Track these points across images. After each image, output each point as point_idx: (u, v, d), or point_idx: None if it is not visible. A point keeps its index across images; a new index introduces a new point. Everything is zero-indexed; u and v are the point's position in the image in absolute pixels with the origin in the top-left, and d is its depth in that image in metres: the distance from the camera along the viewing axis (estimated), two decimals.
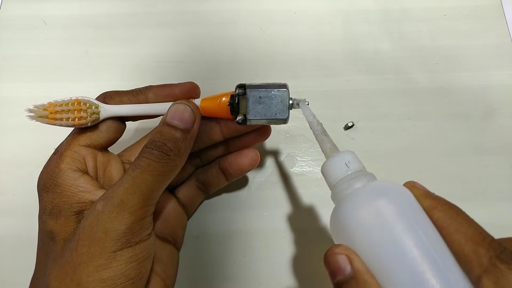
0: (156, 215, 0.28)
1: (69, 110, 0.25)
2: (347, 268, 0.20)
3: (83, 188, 0.24)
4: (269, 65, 0.40)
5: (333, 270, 0.20)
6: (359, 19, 0.42)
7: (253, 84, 0.27)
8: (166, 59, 0.40)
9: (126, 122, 0.29)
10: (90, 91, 0.28)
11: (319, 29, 0.42)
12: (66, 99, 0.26)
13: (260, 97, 0.26)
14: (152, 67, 0.40)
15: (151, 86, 0.28)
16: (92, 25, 0.42)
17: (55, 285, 0.22)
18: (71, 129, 0.27)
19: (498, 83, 0.39)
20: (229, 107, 0.27)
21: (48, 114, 0.25)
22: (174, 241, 0.30)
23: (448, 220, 0.20)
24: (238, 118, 0.27)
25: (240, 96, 0.26)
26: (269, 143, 0.37)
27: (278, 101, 0.26)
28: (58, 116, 0.25)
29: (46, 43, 0.41)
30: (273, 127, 0.31)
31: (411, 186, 0.23)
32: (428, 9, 0.43)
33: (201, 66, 0.40)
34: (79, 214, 0.24)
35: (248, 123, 0.27)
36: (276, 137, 0.37)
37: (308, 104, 0.27)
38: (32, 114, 0.25)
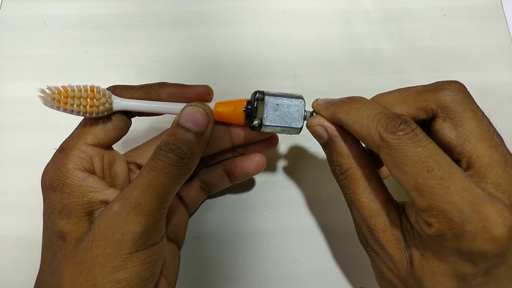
0: None
1: (81, 97, 0.24)
2: (325, 135, 0.26)
3: (92, 188, 0.24)
4: (269, 65, 0.40)
5: (316, 138, 0.27)
6: (359, 19, 0.42)
7: (270, 91, 0.27)
8: (166, 59, 0.40)
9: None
10: None
11: (319, 29, 0.42)
12: (81, 85, 0.25)
13: (277, 104, 0.27)
14: (152, 67, 0.40)
15: (163, 84, 0.27)
16: (92, 25, 0.42)
17: (68, 285, 0.22)
18: (73, 127, 0.27)
19: (498, 83, 0.39)
20: (244, 112, 0.27)
21: (60, 98, 0.24)
22: (176, 240, 0.30)
23: (345, 116, 0.24)
24: (254, 123, 0.27)
25: (259, 101, 0.27)
26: None
27: (294, 110, 0.27)
28: (70, 101, 0.24)
29: (46, 43, 0.41)
30: None
31: (315, 104, 0.27)
32: (428, 9, 0.43)
33: (201, 66, 0.40)
34: (90, 214, 0.24)
35: (263, 129, 0.27)
36: None
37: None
38: (43, 95, 0.23)
